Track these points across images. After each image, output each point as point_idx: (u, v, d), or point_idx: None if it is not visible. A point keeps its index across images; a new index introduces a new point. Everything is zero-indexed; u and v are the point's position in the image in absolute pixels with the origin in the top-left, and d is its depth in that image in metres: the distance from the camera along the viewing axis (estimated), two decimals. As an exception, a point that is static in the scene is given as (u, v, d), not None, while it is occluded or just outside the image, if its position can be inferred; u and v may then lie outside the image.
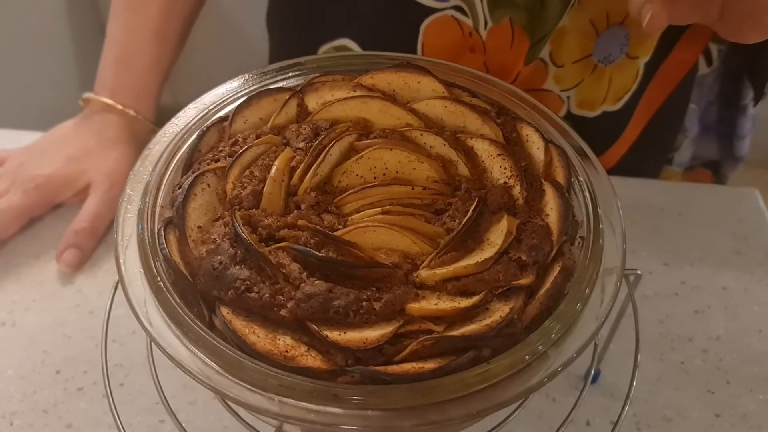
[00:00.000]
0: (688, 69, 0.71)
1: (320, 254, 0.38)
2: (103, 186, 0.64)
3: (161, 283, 0.38)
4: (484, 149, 0.45)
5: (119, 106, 0.67)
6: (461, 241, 0.40)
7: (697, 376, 0.59)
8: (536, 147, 0.46)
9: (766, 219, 0.73)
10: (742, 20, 0.49)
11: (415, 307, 0.37)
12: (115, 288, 0.53)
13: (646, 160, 0.79)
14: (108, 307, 0.51)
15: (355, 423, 0.34)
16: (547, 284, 0.39)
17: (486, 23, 0.62)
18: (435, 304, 0.38)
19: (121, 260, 0.39)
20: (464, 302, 0.38)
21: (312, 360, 0.36)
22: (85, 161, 0.65)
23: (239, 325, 0.37)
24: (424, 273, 0.39)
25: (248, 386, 0.34)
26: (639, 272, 0.50)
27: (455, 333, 0.36)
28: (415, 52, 0.65)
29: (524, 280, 0.39)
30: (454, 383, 0.35)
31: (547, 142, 0.46)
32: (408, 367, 0.35)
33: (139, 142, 0.67)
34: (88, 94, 0.68)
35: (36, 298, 0.62)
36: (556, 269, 0.39)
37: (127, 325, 0.60)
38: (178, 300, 0.37)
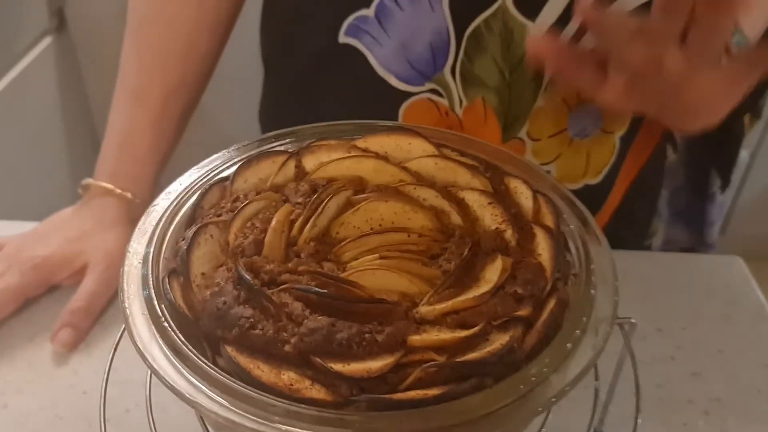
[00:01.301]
0: (659, 136, 0.75)
1: (323, 290, 0.39)
2: (100, 266, 0.65)
3: (165, 324, 0.39)
4: (474, 199, 0.48)
5: (118, 190, 0.69)
6: (458, 279, 0.42)
7: (701, 437, 0.59)
8: (524, 197, 0.48)
9: (752, 284, 0.75)
10: (681, 114, 0.53)
11: (416, 338, 0.38)
12: (111, 362, 0.53)
13: (626, 236, 0.81)
14: (104, 384, 0.50)
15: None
16: (545, 315, 0.40)
17: (461, 102, 0.66)
18: (436, 335, 0.38)
19: (126, 304, 0.40)
20: (464, 332, 0.38)
21: (317, 392, 0.36)
22: (82, 242, 0.66)
23: (244, 360, 0.37)
24: (423, 309, 0.40)
25: (254, 417, 0.34)
26: (633, 321, 0.51)
27: (458, 360, 0.37)
28: None
29: (522, 312, 0.40)
30: (458, 407, 0.35)
31: (535, 192, 0.48)
32: (413, 394, 0.35)
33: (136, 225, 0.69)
34: (87, 180, 0.71)
35: (29, 380, 0.62)
36: (552, 302, 0.41)
37: (122, 404, 0.59)
38: (182, 337, 0.38)
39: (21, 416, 0.59)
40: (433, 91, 0.66)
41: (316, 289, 0.39)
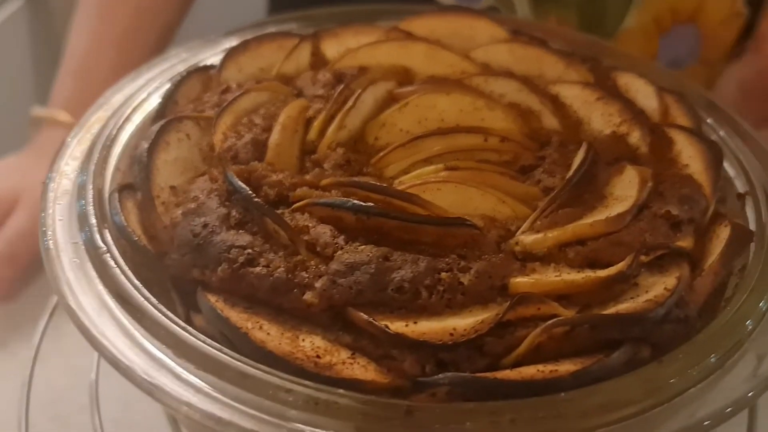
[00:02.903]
0: None
1: (369, 206, 0.24)
2: (32, 201, 0.49)
3: (111, 263, 0.23)
4: (575, 95, 0.33)
5: (70, 120, 0.53)
6: (575, 196, 0.27)
7: None
8: (643, 95, 0.33)
9: None
10: None
11: (524, 281, 0.23)
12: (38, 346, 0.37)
13: None
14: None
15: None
16: (720, 247, 0.25)
17: None
18: (556, 275, 0.23)
19: (50, 243, 0.25)
20: (601, 273, 0.23)
21: (361, 370, 0.21)
22: (17, 176, 0.50)
23: (236, 317, 0.22)
24: (527, 238, 0.25)
25: (252, 412, 0.19)
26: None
27: (602, 313, 0.22)
28: None
29: (683, 243, 0.25)
30: (612, 394, 0.20)
31: (659, 88, 0.33)
32: (532, 371, 0.20)
33: None
34: (38, 110, 0.55)
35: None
36: (725, 230, 0.26)
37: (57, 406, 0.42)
38: (137, 284, 0.23)
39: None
40: (492, 8, 0.50)
41: (358, 203, 0.24)
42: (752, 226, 0.27)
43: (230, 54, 0.34)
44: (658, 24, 0.52)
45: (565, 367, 0.21)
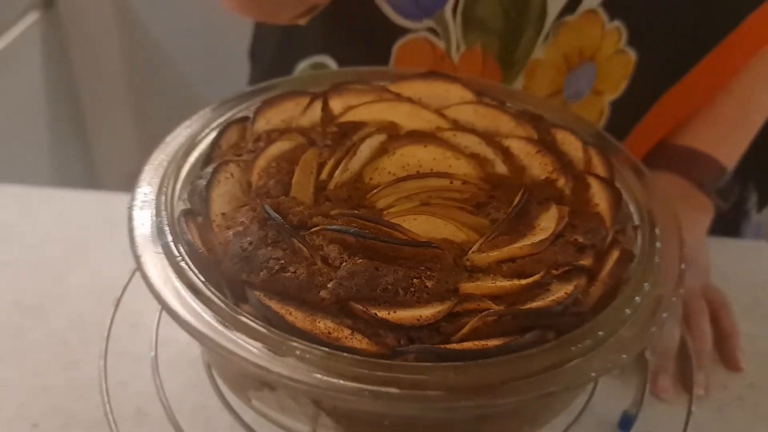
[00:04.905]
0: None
1: (365, 231, 0.34)
2: None
3: (183, 264, 0.34)
4: (521, 148, 0.43)
5: None
6: (512, 226, 0.37)
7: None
8: (574, 148, 0.44)
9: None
10: None
11: (470, 285, 0.34)
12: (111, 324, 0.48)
13: None
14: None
15: (414, 404, 0.29)
16: (610, 265, 0.35)
17: (458, 47, 0.61)
18: (492, 283, 0.34)
19: (138, 244, 0.35)
20: (524, 281, 0.34)
21: (358, 342, 0.32)
22: None
23: (275, 306, 0.32)
24: (475, 256, 0.36)
25: (289, 368, 0.30)
26: (682, 291, 0.47)
27: (521, 308, 0.32)
28: None
29: (584, 261, 0.35)
30: (520, 362, 0.31)
31: (585, 142, 0.44)
32: (471, 345, 0.31)
33: None
34: None
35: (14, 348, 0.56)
36: (615, 253, 0.36)
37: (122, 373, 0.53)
38: (202, 279, 0.33)
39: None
40: (431, 30, 0.61)
41: (357, 229, 0.35)
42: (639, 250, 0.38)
43: (260, 109, 0.44)
44: (568, 61, 0.62)
45: (493, 343, 0.31)
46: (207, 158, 0.41)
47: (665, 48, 0.64)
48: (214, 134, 0.42)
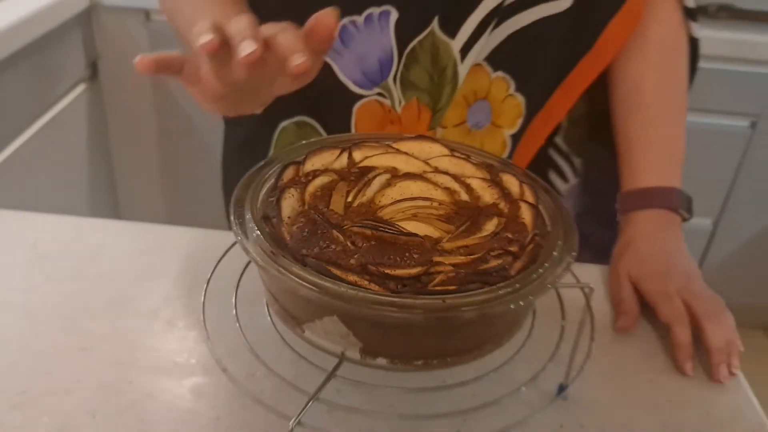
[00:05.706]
0: (543, 140, 0.92)
1: (378, 223, 0.57)
2: None
3: (267, 245, 0.56)
4: (478, 184, 0.66)
5: None
6: (468, 229, 0.60)
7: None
8: (513, 185, 0.67)
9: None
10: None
11: (440, 258, 0.56)
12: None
13: None
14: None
15: (404, 313, 0.51)
16: (527, 250, 0.58)
17: (400, 102, 0.85)
18: (454, 258, 0.56)
19: (239, 237, 0.58)
20: (472, 256, 0.56)
21: (373, 287, 0.54)
22: None
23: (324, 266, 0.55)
24: (446, 244, 0.58)
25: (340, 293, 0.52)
26: (592, 286, 0.69)
27: (469, 271, 0.55)
28: (349, 129, 0.86)
29: (511, 248, 0.58)
30: (467, 297, 0.53)
31: (521, 181, 0.67)
32: (439, 288, 0.53)
33: None
34: None
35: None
36: (532, 245, 0.59)
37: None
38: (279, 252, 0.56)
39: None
40: (379, 94, 0.84)
41: (373, 222, 0.57)
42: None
43: (308, 156, 0.68)
44: (466, 100, 0.88)
45: (452, 288, 0.53)
46: (273, 186, 0.64)
47: (547, 88, 0.89)
48: (278, 170, 0.66)
